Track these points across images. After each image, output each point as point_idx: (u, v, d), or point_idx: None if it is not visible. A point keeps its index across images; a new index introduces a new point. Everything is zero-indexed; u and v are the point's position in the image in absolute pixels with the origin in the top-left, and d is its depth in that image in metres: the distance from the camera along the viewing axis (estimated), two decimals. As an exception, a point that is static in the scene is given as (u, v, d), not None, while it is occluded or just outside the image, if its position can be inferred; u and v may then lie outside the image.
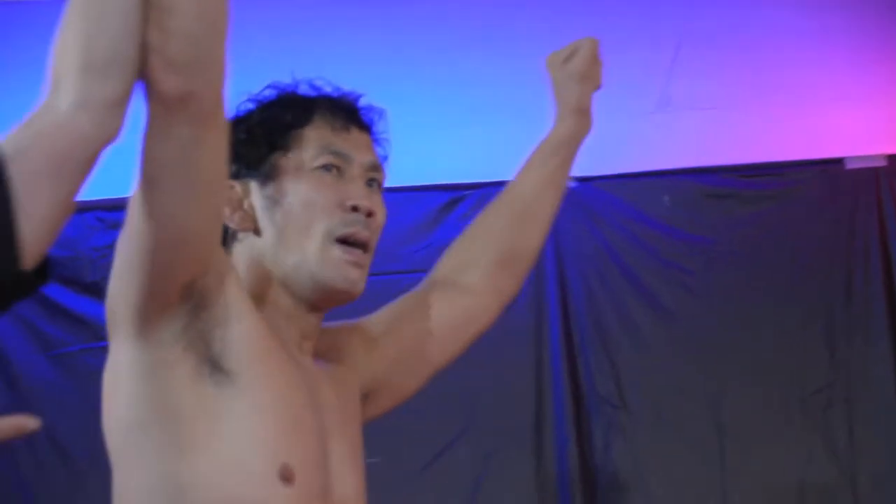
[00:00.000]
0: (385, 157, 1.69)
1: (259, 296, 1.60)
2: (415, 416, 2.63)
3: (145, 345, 1.49)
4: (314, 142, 1.62)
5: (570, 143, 1.93)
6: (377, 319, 1.79)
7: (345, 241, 1.58)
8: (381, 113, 1.70)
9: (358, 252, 1.59)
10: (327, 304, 1.62)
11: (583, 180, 3.43)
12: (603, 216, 3.48)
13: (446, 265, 1.86)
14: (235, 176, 1.61)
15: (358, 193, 1.60)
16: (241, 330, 1.53)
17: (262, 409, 1.52)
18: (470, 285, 1.84)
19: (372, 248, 1.62)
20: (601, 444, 3.41)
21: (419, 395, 1.79)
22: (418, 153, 3.04)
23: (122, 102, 1.40)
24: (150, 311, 1.47)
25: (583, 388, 3.40)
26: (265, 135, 1.63)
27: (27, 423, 1.22)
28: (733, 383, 3.38)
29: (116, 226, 1.58)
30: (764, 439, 3.32)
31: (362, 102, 1.68)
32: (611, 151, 3.29)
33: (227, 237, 1.61)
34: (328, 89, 1.68)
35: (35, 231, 1.38)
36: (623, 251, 3.45)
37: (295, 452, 1.54)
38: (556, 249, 3.44)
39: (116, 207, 1.82)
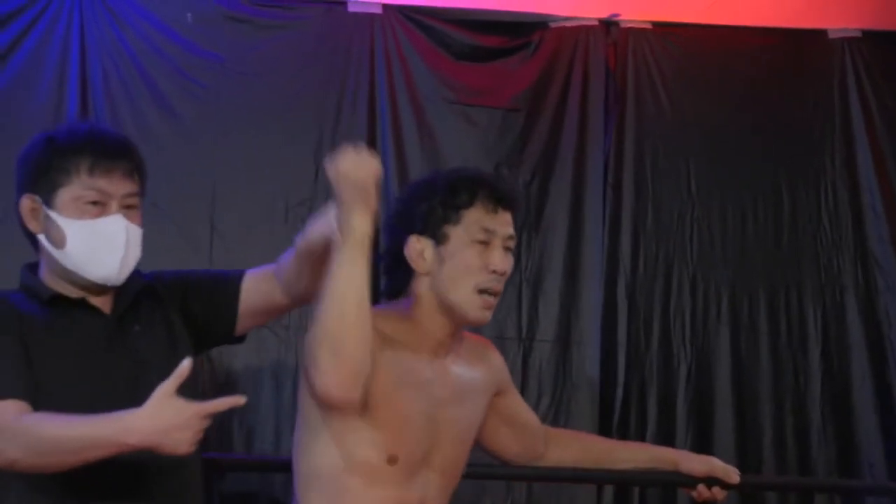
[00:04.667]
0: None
1: (418, 316, 2.26)
2: None
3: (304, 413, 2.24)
4: (474, 222, 2.25)
5: None
6: (512, 392, 2.54)
7: (485, 292, 2.24)
8: (520, 193, 2.30)
9: (493, 299, 2.26)
10: (465, 326, 2.32)
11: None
12: (128, 21, 3.45)
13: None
14: (420, 233, 2.24)
15: (499, 260, 2.25)
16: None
17: (375, 424, 2.19)
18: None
19: (500, 293, 2.28)
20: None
21: None
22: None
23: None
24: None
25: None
26: (442, 212, 2.25)
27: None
28: (225, 186, 3.47)
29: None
30: (250, 239, 3.44)
31: (509, 187, 2.34)
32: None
33: (409, 274, 2.26)
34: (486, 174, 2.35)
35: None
36: (144, 57, 3.46)
37: (400, 444, 2.21)
38: (81, 45, 3.41)
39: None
